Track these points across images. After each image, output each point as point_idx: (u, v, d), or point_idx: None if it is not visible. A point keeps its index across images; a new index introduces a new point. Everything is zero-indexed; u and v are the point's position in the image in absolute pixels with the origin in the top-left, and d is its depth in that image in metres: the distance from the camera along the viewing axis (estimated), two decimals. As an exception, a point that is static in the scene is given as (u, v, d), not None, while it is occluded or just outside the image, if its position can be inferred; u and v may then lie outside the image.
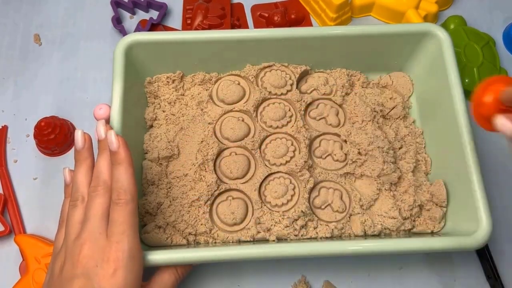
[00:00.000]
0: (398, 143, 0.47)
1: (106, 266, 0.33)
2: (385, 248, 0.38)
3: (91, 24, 0.57)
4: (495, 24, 0.58)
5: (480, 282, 0.46)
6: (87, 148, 0.38)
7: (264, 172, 0.44)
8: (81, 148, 0.37)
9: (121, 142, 0.35)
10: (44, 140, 0.48)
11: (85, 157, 0.37)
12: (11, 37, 0.56)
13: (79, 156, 0.37)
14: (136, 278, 0.34)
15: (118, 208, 0.34)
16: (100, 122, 0.37)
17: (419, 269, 0.46)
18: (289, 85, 0.48)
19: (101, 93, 0.53)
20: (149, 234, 0.42)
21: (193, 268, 0.40)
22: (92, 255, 0.33)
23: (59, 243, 0.36)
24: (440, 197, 0.44)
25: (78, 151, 0.38)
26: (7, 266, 0.46)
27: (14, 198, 0.48)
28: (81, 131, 0.38)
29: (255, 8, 0.58)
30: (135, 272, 0.34)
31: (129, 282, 0.33)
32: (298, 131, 0.46)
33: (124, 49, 0.44)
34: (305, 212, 0.42)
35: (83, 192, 0.36)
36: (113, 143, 0.35)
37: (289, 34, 0.46)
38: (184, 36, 0.46)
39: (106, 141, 0.36)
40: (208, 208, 0.43)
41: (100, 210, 0.35)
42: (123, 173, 0.35)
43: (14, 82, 0.54)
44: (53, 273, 0.35)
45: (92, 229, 0.34)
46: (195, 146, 0.46)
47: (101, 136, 0.37)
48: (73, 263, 0.33)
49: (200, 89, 0.48)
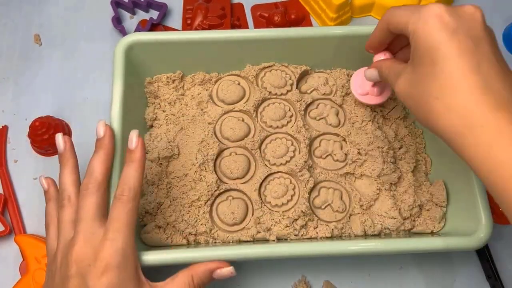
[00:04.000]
0: (398, 143, 0.47)
1: (99, 264, 0.33)
2: (385, 248, 0.38)
3: (91, 24, 0.57)
4: (495, 24, 0.58)
5: (480, 282, 0.46)
6: (68, 149, 0.38)
7: (264, 172, 0.44)
8: (62, 150, 0.38)
9: (140, 142, 0.37)
10: (38, 140, 0.48)
11: (68, 158, 0.38)
12: (11, 37, 0.56)
13: (61, 158, 0.38)
14: (129, 277, 0.34)
15: (119, 204, 0.35)
16: (101, 122, 0.38)
17: (419, 269, 0.47)
18: (289, 85, 0.48)
19: (101, 93, 0.53)
20: (149, 234, 0.42)
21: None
22: (86, 255, 0.33)
23: (50, 246, 0.37)
24: (440, 197, 0.44)
25: (61, 154, 0.38)
26: (7, 266, 0.46)
27: (14, 198, 0.48)
28: (60, 135, 0.39)
29: (255, 8, 0.58)
30: (129, 271, 0.34)
31: (122, 281, 0.33)
32: (298, 131, 0.46)
33: (124, 49, 0.44)
34: (305, 212, 0.42)
35: (70, 192, 0.37)
36: (132, 142, 0.37)
37: (289, 34, 0.46)
38: (184, 36, 0.46)
39: (103, 140, 0.38)
40: (208, 208, 0.43)
41: (92, 210, 0.35)
42: (133, 170, 0.36)
43: (14, 82, 0.54)
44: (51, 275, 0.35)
45: (85, 229, 0.34)
46: (195, 146, 0.46)
47: (99, 135, 0.38)
48: (68, 264, 0.33)
49: (200, 89, 0.48)
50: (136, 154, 0.37)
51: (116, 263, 0.33)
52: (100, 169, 0.36)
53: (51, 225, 0.38)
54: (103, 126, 0.38)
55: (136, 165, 0.36)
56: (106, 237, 0.34)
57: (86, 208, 0.35)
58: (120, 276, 0.33)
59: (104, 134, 0.38)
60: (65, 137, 0.39)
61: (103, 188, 0.36)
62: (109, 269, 0.33)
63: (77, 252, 0.33)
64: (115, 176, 0.38)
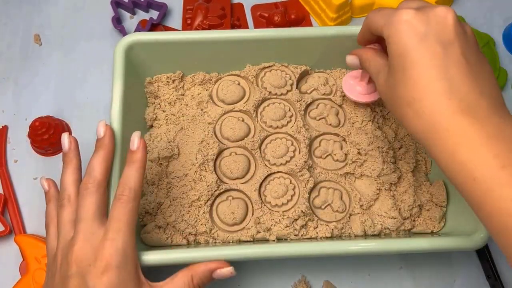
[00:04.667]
0: (398, 143, 0.47)
1: (99, 264, 0.33)
2: (385, 248, 0.38)
3: (91, 24, 0.57)
4: (495, 24, 0.58)
5: (480, 282, 0.46)
6: (73, 149, 0.39)
7: (264, 172, 0.44)
8: (67, 150, 0.38)
9: (141, 144, 0.37)
10: (38, 140, 0.48)
11: (71, 159, 0.38)
12: (11, 37, 0.56)
13: (65, 158, 0.38)
14: (129, 277, 0.34)
15: (119, 204, 0.35)
16: (101, 122, 0.39)
17: (419, 269, 0.47)
18: (289, 85, 0.48)
19: (101, 93, 0.53)
20: (149, 234, 0.42)
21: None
22: (86, 254, 0.33)
23: (50, 246, 0.37)
24: (440, 197, 0.44)
25: (65, 154, 0.39)
26: (7, 266, 0.46)
27: (14, 198, 0.48)
28: (66, 134, 0.39)
29: (255, 8, 0.58)
30: (129, 270, 0.34)
31: (122, 281, 0.33)
32: (298, 131, 0.46)
33: (124, 49, 0.44)
34: (305, 212, 0.42)
35: (70, 191, 0.37)
36: (134, 143, 0.37)
37: (289, 34, 0.46)
38: (184, 36, 0.46)
39: (103, 140, 0.38)
40: (208, 208, 0.43)
41: (92, 209, 0.35)
42: (133, 171, 0.36)
43: (14, 82, 0.54)
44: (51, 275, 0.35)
45: (85, 229, 0.34)
46: (195, 146, 0.46)
47: (100, 135, 0.38)
48: (68, 264, 0.33)
49: (200, 89, 0.48)
50: (137, 155, 0.37)
51: (116, 263, 0.33)
52: (100, 169, 0.37)
53: (51, 225, 0.38)
54: (103, 126, 0.38)
55: (137, 165, 0.36)
56: (106, 237, 0.34)
57: (86, 208, 0.35)
58: (120, 276, 0.33)
59: (104, 134, 0.38)
60: (71, 137, 0.39)
61: (102, 188, 0.36)
62: (109, 269, 0.33)
63: (77, 252, 0.33)
64: (115, 176, 0.38)
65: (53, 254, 0.36)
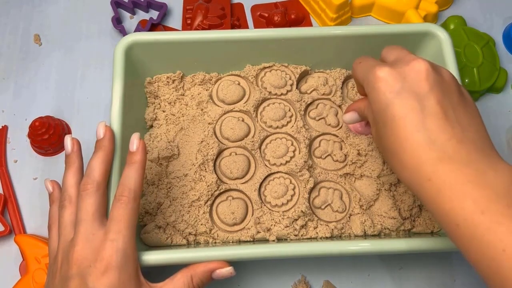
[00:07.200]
0: (398, 143, 0.47)
1: (99, 265, 0.33)
2: (385, 248, 0.38)
3: (91, 24, 0.57)
4: (495, 24, 0.58)
5: (480, 282, 0.46)
6: (75, 152, 0.39)
7: (264, 172, 0.44)
8: (69, 152, 0.39)
9: (141, 145, 0.37)
10: (38, 140, 0.48)
11: (73, 160, 0.38)
12: (11, 37, 0.56)
13: (67, 160, 0.39)
14: (130, 278, 0.34)
15: (119, 205, 0.35)
16: (101, 123, 0.39)
17: (419, 269, 0.47)
18: (289, 85, 0.48)
19: (101, 93, 0.53)
20: (149, 234, 0.42)
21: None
22: (86, 255, 0.33)
23: (52, 246, 0.37)
24: (440, 197, 0.44)
25: (67, 155, 0.39)
26: (7, 266, 0.46)
27: (14, 198, 0.48)
28: (69, 137, 0.39)
29: (255, 8, 0.58)
30: (129, 271, 0.34)
31: (122, 282, 0.33)
32: (298, 131, 0.46)
33: (124, 49, 0.44)
34: (305, 212, 0.42)
35: (71, 193, 0.37)
36: (133, 144, 0.37)
37: (289, 34, 0.46)
38: (184, 36, 0.46)
39: (103, 141, 0.38)
40: (208, 208, 0.43)
41: (91, 211, 0.35)
42: (133, 171, 0.36)
43: (14, 82, 0.54)
44: (51, 276, 0.35)
45: (85, 230, 0.34)
46: (195, 146, 0.46)
47: (99, 136, 0.38)
48: (69, 264, 0.34)
49: (200, 89, 0.48)
50: (137, 156, 0.37)
51: (116, 263, 0.33)
52: (99, 170, 0.37)
53: (53, 226, 0.38)
54: (103, 128, 0.38)
55: (136, 166, 0.36)
56: (106, 237, 0.34)
57: (85, 209, 0.35)
58: (120, 276, 0.33)
59: (104, 135, 0.38)
60: (74, 139, 0.39)
61: (102, 189, 0.36)
62: (109, 270, 0.33)
63: (77, 252, 0.33)
64: (115, 177, 0.38)
65: (54, 255, 0.36)
